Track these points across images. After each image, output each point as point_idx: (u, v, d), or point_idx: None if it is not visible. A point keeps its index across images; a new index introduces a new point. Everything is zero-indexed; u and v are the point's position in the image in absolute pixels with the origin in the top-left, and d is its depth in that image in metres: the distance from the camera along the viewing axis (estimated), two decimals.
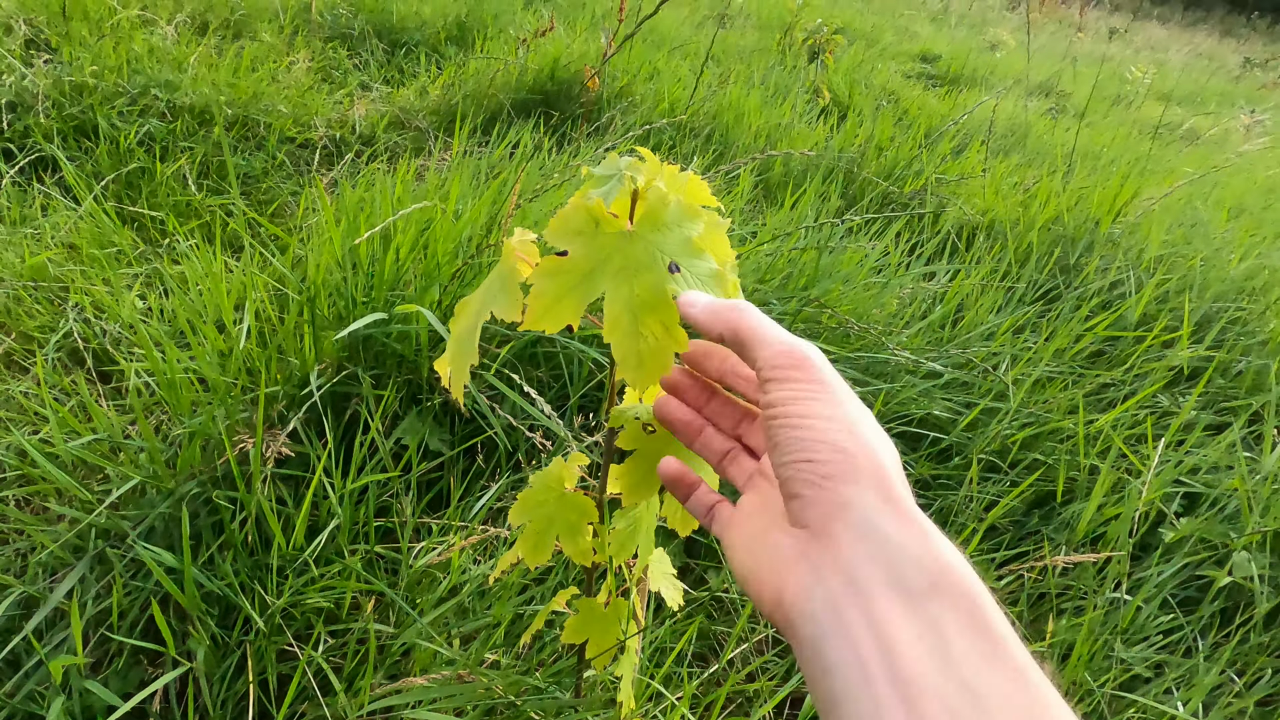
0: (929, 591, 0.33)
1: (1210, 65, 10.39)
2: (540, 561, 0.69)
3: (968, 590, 0.33)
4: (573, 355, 1.41)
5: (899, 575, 0.33)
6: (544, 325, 0.48)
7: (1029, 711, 0.30)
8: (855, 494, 0.36)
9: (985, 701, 0.30)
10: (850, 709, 0.32)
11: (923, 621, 0.32)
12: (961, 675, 0.30)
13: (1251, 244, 2.53)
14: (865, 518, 0.35)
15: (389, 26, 3.38)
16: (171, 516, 1.06)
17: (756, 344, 0.41)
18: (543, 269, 0.48)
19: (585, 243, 0.48)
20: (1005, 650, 0.31)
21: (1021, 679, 0.31)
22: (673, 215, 0.49)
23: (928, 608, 0.32)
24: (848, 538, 0.35)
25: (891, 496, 0.36)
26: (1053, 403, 1.66)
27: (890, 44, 5.87)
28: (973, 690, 0.30)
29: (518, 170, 1.84)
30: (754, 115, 2.97)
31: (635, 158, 0.53)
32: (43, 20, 2.52)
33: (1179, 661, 1.23)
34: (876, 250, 2.01)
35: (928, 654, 0.31)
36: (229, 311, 1.35)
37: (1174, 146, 4.60)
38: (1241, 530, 1.40)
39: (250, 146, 2.31)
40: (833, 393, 0.39)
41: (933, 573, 0.33)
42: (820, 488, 0.37)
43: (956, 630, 0.32)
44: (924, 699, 0.30)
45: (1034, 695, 0.30)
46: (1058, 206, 2.50)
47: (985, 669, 0.31)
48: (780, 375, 0.40)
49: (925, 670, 0.31)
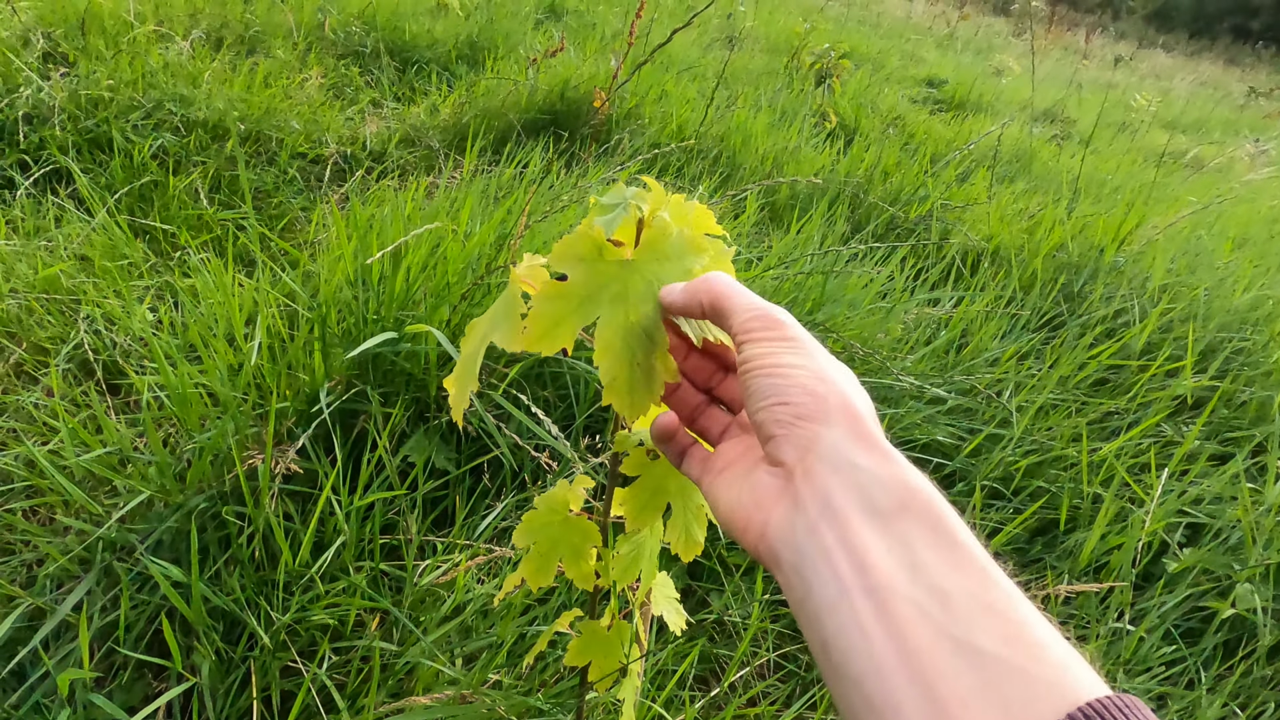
0: (898, 511, 0.36)
1: (1215, 94, 10.45)
2: (544, 584, 0.69)
3: (933, 508, 0.36)
4: (579, 375, 1.42)
5: (870, 499, 0.36)
6: (540, 347, 0.49)
7: (991, 604, 0.33)
8: (827, 431, 0.39)
9: (951, 599, 0.33)
10: (830, 622, 0.35)
11: (893, 537, 0.35)
12: (929, 580, 0.33)
13: (1256, 274, 2.53)
14: (837, 451, 0.38)
15: (401, 44, 3.41)
16: (179, 531, 1.07)
17: (731, 310, 0.44)
18: (542, 293, 0.50)
19: (586, 269, 0.49)
20: (969, 555, 0.34)
21: (984, 578, 0.34)
22: (674, 247, 0.50)
23: (897, 525, 0.35)
24: (821, 470, 0.38)
25: (862, 432, 0.39)
26: (1056, 430, 1.66)
27: (897, 69, 5.91)
28: (940, 591, 0.33)
29: (527, 191, 1.86)
30: (761, 138, 2.99)
31: (641, 186, 0.54)
32: (60, 34, 2.56)
33: (1181, 694, 1.23)
34: (882, 275, 2.02)
35: (898, 565, 0.34)
36: (240, 326, 1.36)
37: (1178, 175, 4.62)
38: (1245, 562, 1.40)
39: (262, 162, 2.33)
40: (804, 345, 0.42)
41: (900, 495, 0.36)
42: (794, 426, 0.39)
43: (923, 543, 0.35)
44: (895, 602, 0.33)
45: (995, 590, 0.33)
46: (1062, 234, 2.51)
47: (951, 573, 0.33)
48: (754, 336, 0.42)
49: (896, 579, 0.34)
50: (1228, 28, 24.00)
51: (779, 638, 1.26)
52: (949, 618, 0.32)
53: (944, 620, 0.32)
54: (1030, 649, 0.31)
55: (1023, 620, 0.32)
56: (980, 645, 0.31)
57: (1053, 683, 0.30)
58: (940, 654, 0.32)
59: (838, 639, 0.34)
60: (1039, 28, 11.98)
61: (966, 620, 0.32)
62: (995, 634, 0.32)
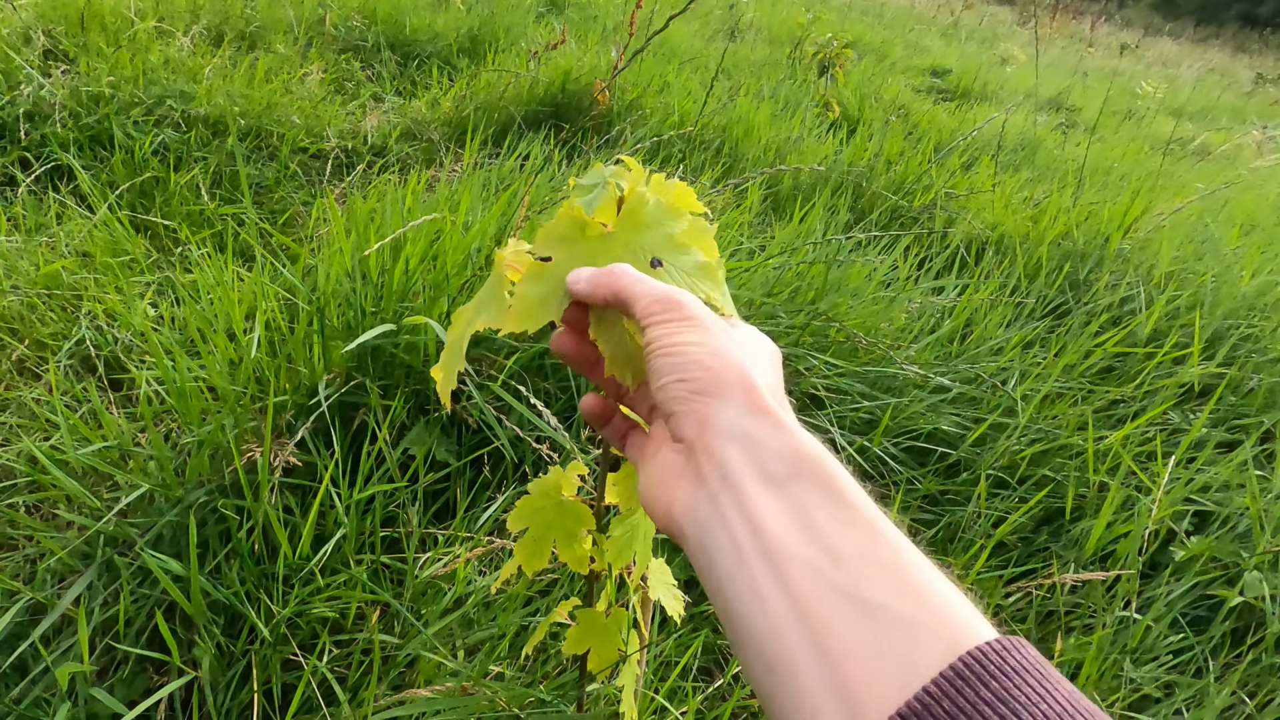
0: (791, 476, 0.37)
1: (1222, 81, 10.37)
2: (538, 567, 0.69)
3: (825, 471, 0.37)
4: None
5: (764, 467, 0.37)
6: (524, 325, 0.49)
7: (878, 557, 0.33)
8: (721, 405, 0.40)
9: (841, 556, 0.34)
10: (730, 589, 0.36)
11: (786, 501, 0.36)
12: (822, 540, 0.34)
13: (1263, 261, 2.51)
14: (732, 422, 0.39)
15: (402, 39, 3.41)
16: (179, 525, 1.07)
17: (633, 298, 0.45)
18: (527, 274, 0.50)
19: (569, 248, 0.50)
20: (860, 515, 0.35)
21: (873, 533, 0.35)
22: (652, 214, 0.51)
23: (791, 489, 0.36)
24: (718, 442, 0.39)
25: (757, 403, 0.39)
26: (1062, 419, 1.65)
27: (900, 58, 5.88)
28: (832, 550, 0.34)
29: (527, 182, 1.85)
30: (764, 129, 2.98)
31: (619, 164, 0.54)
32: (61, 31, 2.56)
33: (1189, 682, 1.22)
34: (885, 264, 2.01)
35: (791, 527, 0.35)
36: (239, 321, 1.36)
37: (1185, 162, 4.58)
38: (1253, 549, 1.39)
39: (263, 157, 2.33)
40: (703, 324, 0.43)
41: (793, 460, 0.37)
42: (691, 402, 0.41)
43: (816, 505, 0.36)
44: (788, 563, 0.34)
45: (883, 545, 0.34)
46: (1067, 222, 2.49)
47: (843, 532, 0.35)
48: (656, 319, 0.43)
49: (790, 540, 0.35)
50: (1235, 14, 23.81)
51: None
52: (839, 573, 0.33)
53: (834, 576, 0.33)
54: (917, 597, 0.32)
55: (909, 570, 0.33)
56: (868, 597, 0.32)
57: (938, 629, 0.31)
58: (830, 608, 0.32)
59: (737, 604, 0.35)
60: (1044, 16, 11.91)
61: (855, 574, 0.33)
62: (882, 585, 0.32)
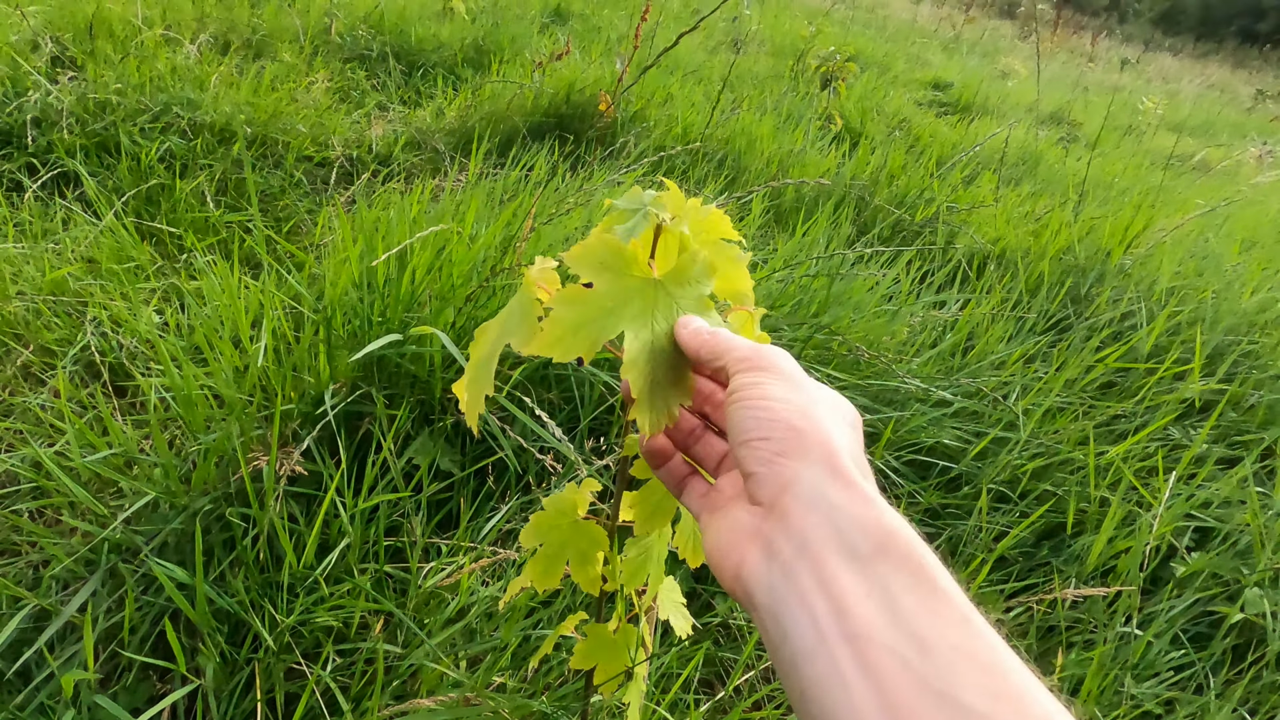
0: (876, 554, 0.35)
1: (1222, 97, 10.41)
2: (550, 586, 0.69)
3: (912, 551, 0.35)
4: (584, 378, 1.42)
5: (847, 541, 0.35)
6: (554, 353, 0.48)
7: (973, 654, 0.32)
8: (804, 469, 0.38)
9: (932, 648, 0.32)
10: (808, 669, 0.34)
11: (871, 581, 0.34)
12: (909, 627, 0.32)
13: (1264, 277, 2.52)
14: (814, 489, 0.37)
15: (407, 48, 3.43)
16: (184, 532, 1.07)
17: (725, 351, 0.44)
18: (565, 296, 0.49)
19: (611, 280, 0.49)
20: (949, 602, 0.33)
21: (966, 626, 0.33)
22: (698, 272, 0.51)
23: (875, 568, 0.34)
24: (797, 509, 0.37)
25: (839, 471, 0.38)
26: (1063, 433, 1.66)
27: (902, 72, 5.91)
28: (920, 639, 0.32)
29: (533, 194, 1.86)
30: (767, 141, 2.99)
31: (659, 188, 0.54)
32: (69, 38, 2.57)
33: (1190, 699, 1.22)
34: (887, 278, 2.02)
35: (877, 610, 0.33)
36: (245, 328, 1.37)
37: (1186, 178, 4.60)
38: (1254, 566, 1.39)
39: (269, 165, 2.34)
40: (792, 380, 0.42)
41: (878, 537, 0.35)
42: (772, 464, 0.39)
43: (903, 587, 0.34)
44: (874, 650, 0.32)
45: (978, 640, 0.32)
46: (1069, 236, 2.50)
47: (931, 620, 0.33)
48: (745, 366, 0.43)
49: (875, 625, 0.33)
50: (1235, 30, 23.93)
51: None
52: (931, 669, 0.31)
53: (925, 671, 0.31)
54: (1015, 704, 0.30)
55: (1007, 672, 0.31)
56: (964, 700, 0.30)
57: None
58: (923, 709, 0.31)
59: (815, 688, 0.33)
60: (1045, 30, 11.96)
61: (949, 671, 0.31)
62: (979, 688, 0.31)
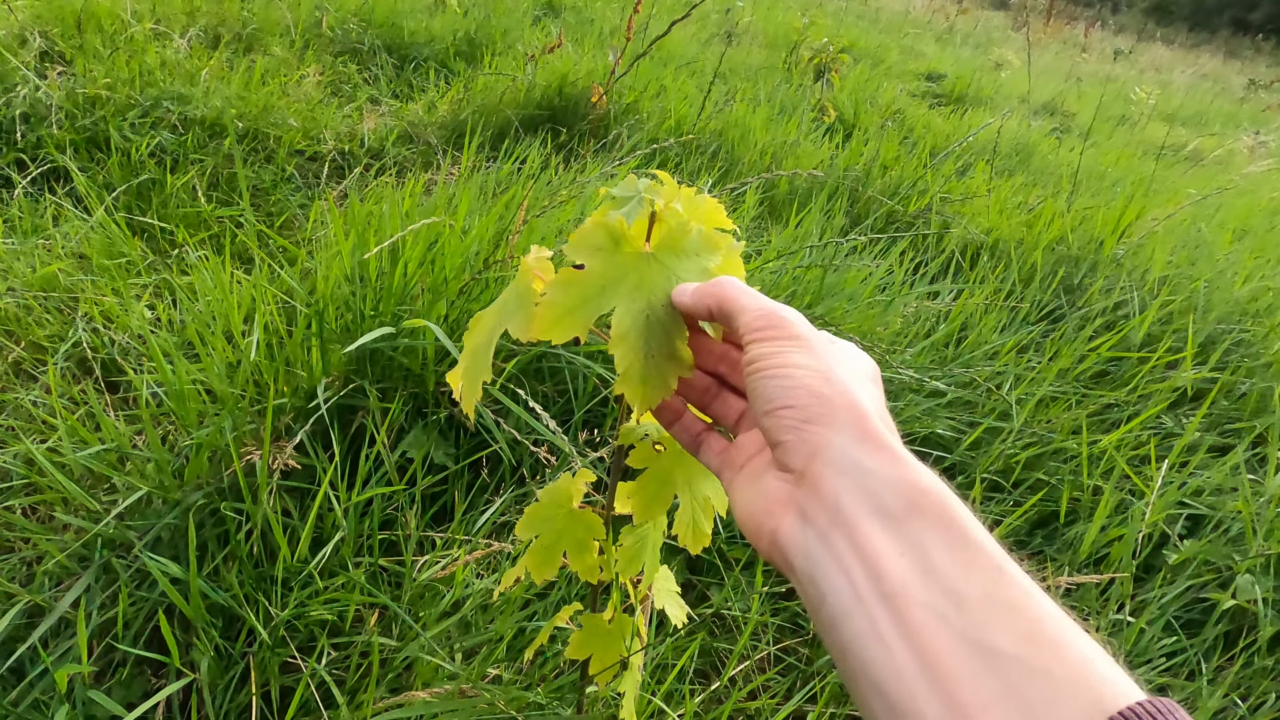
0: (908, 512, 0.35)
1: (1214, 87, 10.43)
2: (547, 576, 0.69)
3: (944, 507, 0.35)
4: (578, 370, 1.42)
5: (879, 502, 0.36)
6: (551, 335, 0.48)
7: (1006, 600, 0.32)
8: (833, 435, 0.38)
9: (967, 601, 0.32)
10: (846, 628, 0.35)
11: (904, 540, 0.35)
12: (943, 583, 0.33)
13: (1255, 266, 2.53)
14: (843, 454, 0.38)
15: (399, 42, 3.41)
16: (178, 527, 1.07)
17: (737, 311, 0.44)
18: (558, 280, 0.49)
19: (604, 259, 0.49)
20: (983, 554, 0.34)
21: (999, 575, 0.33)
22: (693, 244, 0.50)
23: (908, 527, 0.35)
24: (829, 474, 0.38)
25: (868, 433, 0.38)
26: (1056, 423, 1.66)
27: (896, 63, 5.90)
28: (955, 593, 0.33)
29: (525, 186, 1.86)
30: (760, 133, 2.99)
31: (653, 179, 0.54)
32: (57, 33, 2.55)
33: (1182, 685, 1.22)
34: (881, 269, 2.02)
35: (910, 568, 0.34)
36: (237, 323, 1.36)
37: (1178, 168, 4.61)
38: (1245, 553, 1.40)
39: (260, 159, 2.33)
40: (810, 344, 0.42)
41: (910, 495, 0.36)
42: (800, 431, 0.39)
43: (936, 544, 0.34)
44: (911, 608, 0.33)
45: (1011, 587, 0.33)
46: (1062, 227, 2.51)
47: (964, 574, 0.33)
48: (760, 335, 0.42)
49: (910, 583, 0.33)
50: (1227, 20, 23.96)
51: (779, 631, 1.25)
52: (965, 620, 0.32)
53: (960, 623, 0.32)
54: (1052, 648, 0.31)
55: (1041, 616, 0.32)
56: (998, 646, 0.31)
57: (1079, 685, 0.30)
58: (958, 659, 0.31)
59: (854, 646, 0.34)
60: (1038, 21, 11.96)
61: (983, 621, 0.32)
62: (1013, 633, 0.31)
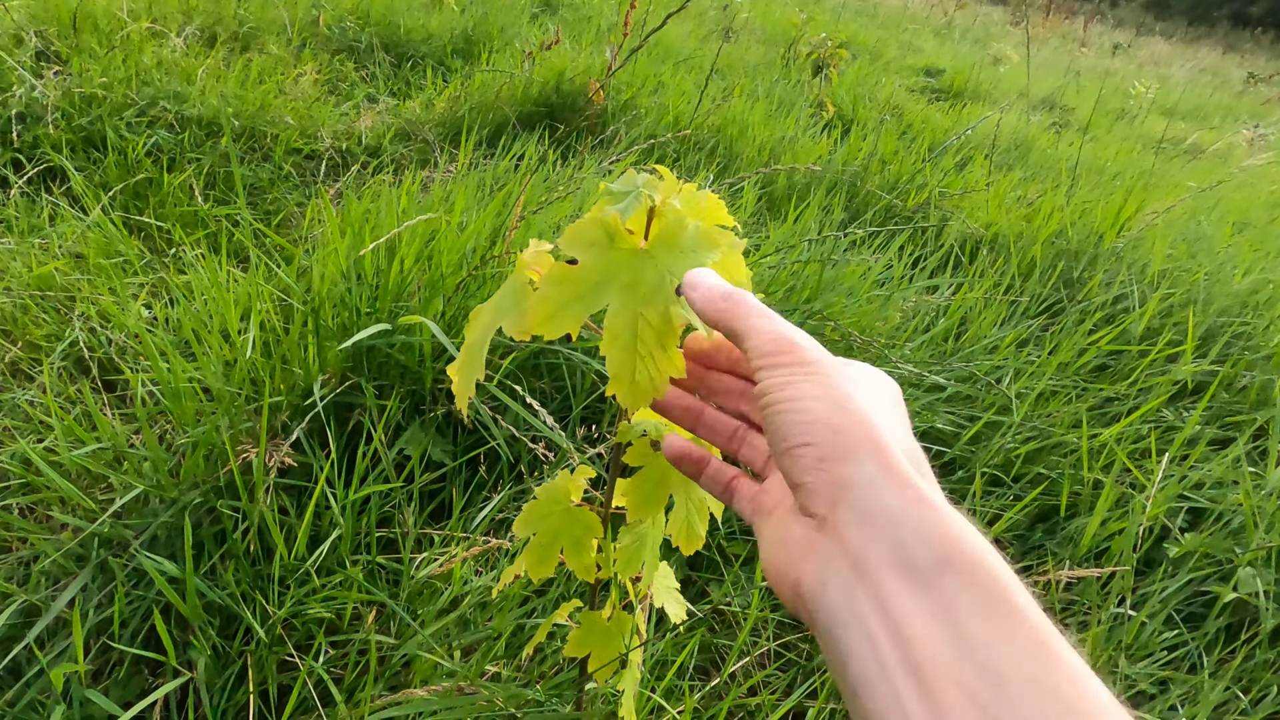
0: (939, 567, 0.32)
1: (1214, 80, 10.42)
2: (545, 575, 0.68)
3: (980, 562, 0.31)
4: (575, 366, 1.41)
5: (907, 554, 0.32)
6: (543, 330, 0.47)
7: (1054, 690, 0.28)
8: (854, 473, 0.35)
9: (1007, 684, 0.28)
10: (870, 700, 0.31)
11: (935, 601, 0.31)
12: (979, 657, 0.29)
13: (1255, 258, 2.52)
14: (867, 496, 0.34)
15: (396, 39, 3.40)
16: (174, 526, 1.06)
17: (747, 333, 0.41)
18: (551, 276, 0.48)
19: (597, 255, 0.48)
20: (1024, 624, 0.30)
21: (1044, 653, 0.29)
22: (689, 240, 0.48)
23: (939, 585, 0.31)
24: (852, 520, 0.34)
25: (892, 469, 0.35)
26: (1056, 417, 1.66)
27: (894, 58, 5.89)
28: (993, 671, 0.29)
29: (522, 183, 1.85)
30: (758, 129, 2.98)
31: (651, 174, 0.53)
32: (53, 32, 2.54)
33: (1183, 678, 1.22)
34: (880, 264, 2.01)
35: (942, 636, 0.30)
36: (234, 322, 1.36)
37: (1177, 161, 4.60)
38: (1246, 546, 1.39)
39: (257, 158, 2.32)
40: (823, 370, 0.38)
41: (941, 548, 0.32)
42: (820, 471, 0.36)
43: (970, 607, 0.30)
44: (941, 686, 0.29)
45: (1058, 671, 0.29)
46: (1061, 220, 2.50)
47: (1004, 647, 0.29)
48: (770, 362, 0.39)
49: (941, 654, 0.30)
50: (1226, 14, 23.94)
51: (779, 627, 1.25)
52: (1003, 706, 0.28)
53: (998, 711, 0.28)
54: None
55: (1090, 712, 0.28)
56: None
57: None
58: None
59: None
60: (1037, 16, 11.95)
61: (1024, 709, 0.28)
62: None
